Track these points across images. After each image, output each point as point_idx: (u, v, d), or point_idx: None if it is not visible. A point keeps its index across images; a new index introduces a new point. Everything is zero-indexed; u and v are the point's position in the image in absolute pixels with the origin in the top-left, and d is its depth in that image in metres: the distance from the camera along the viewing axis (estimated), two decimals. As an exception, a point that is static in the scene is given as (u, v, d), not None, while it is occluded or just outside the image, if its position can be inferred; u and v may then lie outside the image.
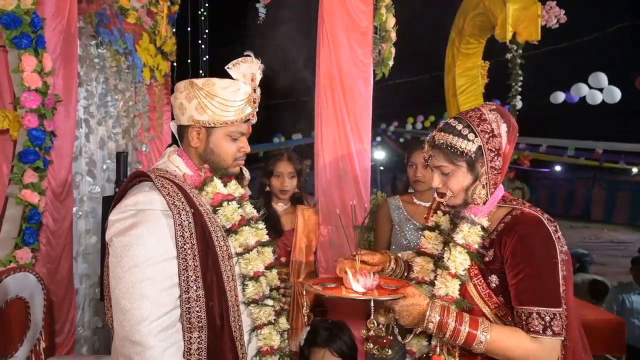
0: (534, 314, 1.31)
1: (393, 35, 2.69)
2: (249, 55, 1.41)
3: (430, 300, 1.37)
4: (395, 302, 1.37)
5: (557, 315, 1.30)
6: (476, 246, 1.40)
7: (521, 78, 4.22)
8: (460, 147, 1.38)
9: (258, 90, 1.45)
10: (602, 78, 6.86)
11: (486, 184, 1.41)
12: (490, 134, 1.38)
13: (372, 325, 1.38)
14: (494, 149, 1.38)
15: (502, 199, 1.45)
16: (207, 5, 5.18)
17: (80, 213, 3.15)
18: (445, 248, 1.47)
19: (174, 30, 4.10)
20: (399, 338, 1.52)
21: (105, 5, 3.02)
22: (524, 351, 1.31)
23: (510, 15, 3.69)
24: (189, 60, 5.13)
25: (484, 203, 1.41)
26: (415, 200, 2.52)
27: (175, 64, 4.24)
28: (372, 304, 1.36)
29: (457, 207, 1.46)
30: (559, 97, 7.45)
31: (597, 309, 3.36)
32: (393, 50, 2.70)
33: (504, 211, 1.43)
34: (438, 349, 1.41)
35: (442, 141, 1.41)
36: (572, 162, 12.79)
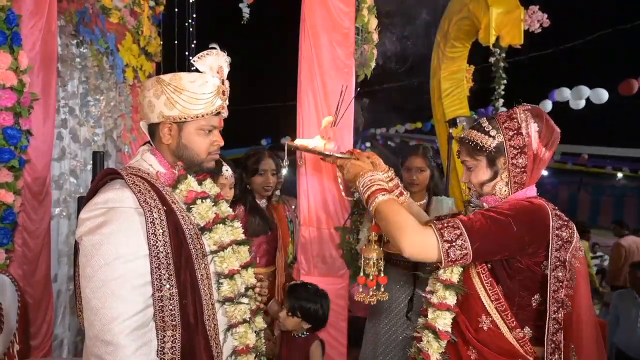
0: (450, 221, 1.35)
1: (375, 36, 2.69)
2: (214, 48, 1.39)
3: (371, 170, 1.58)
4: (348, 160, 1.66)
5: (459, 232, 1.31)
6: None
7: (505, 82, 4.25)
8: (480, 142, 1.43)
9: (227, 83, 1.43)
10: (584, 90, 6.96)
11: (508, 181, 1.42)
12: (515, 132, 1.39)
13: (368, 262, 1.60)
14: (517, 147, 1.39)
15: (527, 198, 1.43)
16: (194, 7, 5.16)
17: (63, 214, 3.11)
18: None
19: (159, 31, 4.07)
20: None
21: (87, 4, 2.99)
22: (403, 222, 1.36)
23: (494, 19, 3.73)
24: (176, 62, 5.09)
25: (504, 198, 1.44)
26: None
27: (161, 65, 4.21)
28: (285, 146, 1.80)
29: (470, 199, 1.52)
30: (547, 106, 7.54)
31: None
32: (375, 51, 2.71)
33: None
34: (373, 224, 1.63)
35: (467, 137, 1.47)
36: (560, 167, 12.93)
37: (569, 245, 1.34)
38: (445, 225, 1.33)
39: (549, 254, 1.32)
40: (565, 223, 1.37)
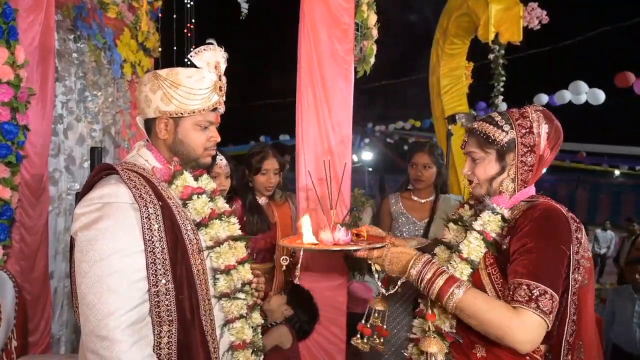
0: (523, 286, 1.25)
1: (375, 32, 2.68)
2: (211, 43, 1.39)
3: (418, 254, 1.40)
4: (387, 249, 1.43)
5: (549, 295, 1.24)
6: (494, 235, 1.40)
7: (504, 78, 4.25)
8: (493, 136, 1.42)
9: (224, 79, 1.43)
10: (582, 86, 6.99)
11: (515, 178, 1.42)
12: (528, 130, 1.40)
13: (372, 312, 1.46)
14: (527, 145, 1.40)
15: (531, 197, 1.44)
16: (191, 2, 5.15)
17: (59, 210, 3.10)
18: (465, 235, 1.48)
19: (157, 26, 4.05)
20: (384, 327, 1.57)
21: (84, -1, 2.98)
22: (497, 318, 1.25)
23: (493, 15, 3.72)
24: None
25: (511, 197, 1.43)
26: (413, 197, 2.76)
27: (159, 60, 4.19)
28: (299, 252, 1.47)
29: (480, 198, 1.48)
30: (542, 99, 7.55)
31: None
32: (374, 47, 2.70)
33: (527, 204, 1.42)
34: (430, 310, 1.41)
35: (478, 129, 1.46)
36: (558, 164, 12.98)
37: (580, 246, 1.35)
38: (535, 297, 1.24)
39: (571, 257, 1.32)
40: (579, 225, 1.38)
